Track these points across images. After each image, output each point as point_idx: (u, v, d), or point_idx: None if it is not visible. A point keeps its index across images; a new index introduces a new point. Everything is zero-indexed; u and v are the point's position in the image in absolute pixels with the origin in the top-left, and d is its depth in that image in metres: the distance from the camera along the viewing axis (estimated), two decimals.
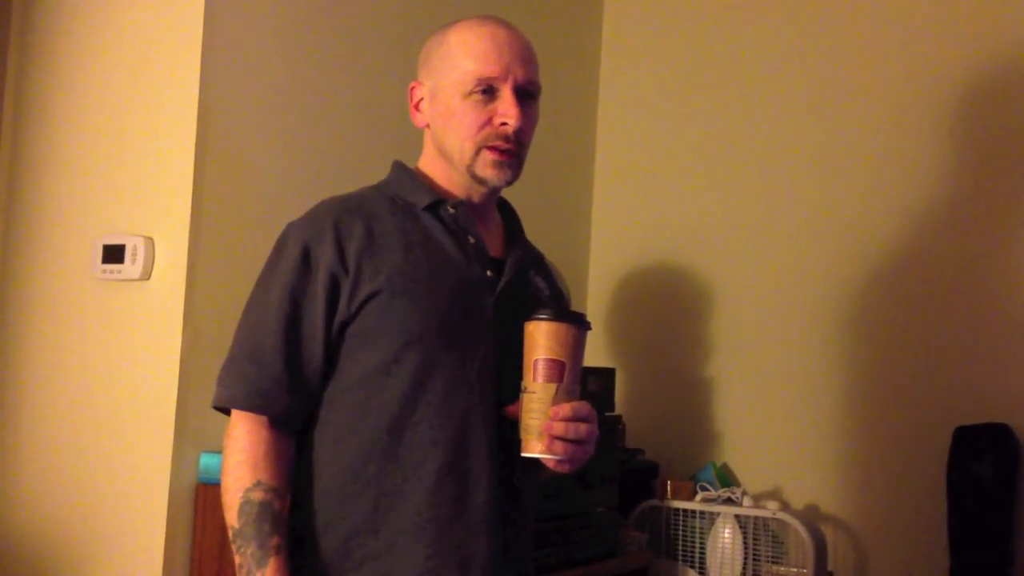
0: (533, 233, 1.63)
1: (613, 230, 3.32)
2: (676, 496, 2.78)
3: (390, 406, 1.38)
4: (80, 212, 2.24)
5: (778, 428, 2.93)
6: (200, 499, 2.05)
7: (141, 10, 2.20)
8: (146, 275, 2.09)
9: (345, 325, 1.40)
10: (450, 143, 1.47)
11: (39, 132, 2.32)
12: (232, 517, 1.36)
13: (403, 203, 1.48)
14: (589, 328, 1.38)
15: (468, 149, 1.45)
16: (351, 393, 1.40)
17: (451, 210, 1.47)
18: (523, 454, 1.36)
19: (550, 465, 1.38)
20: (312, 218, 1.45)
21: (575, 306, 2.97)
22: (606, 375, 2.83)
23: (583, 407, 1.36)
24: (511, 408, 1.41)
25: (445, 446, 1.38)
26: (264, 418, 1.38)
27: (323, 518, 1.39)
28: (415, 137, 1.57)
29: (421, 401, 1.39)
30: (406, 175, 1.53)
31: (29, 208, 2.31)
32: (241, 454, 1.37)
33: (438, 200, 1.48)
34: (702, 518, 2.73)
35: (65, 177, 2.27)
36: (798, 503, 2.86)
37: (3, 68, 2.35)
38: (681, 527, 2.75)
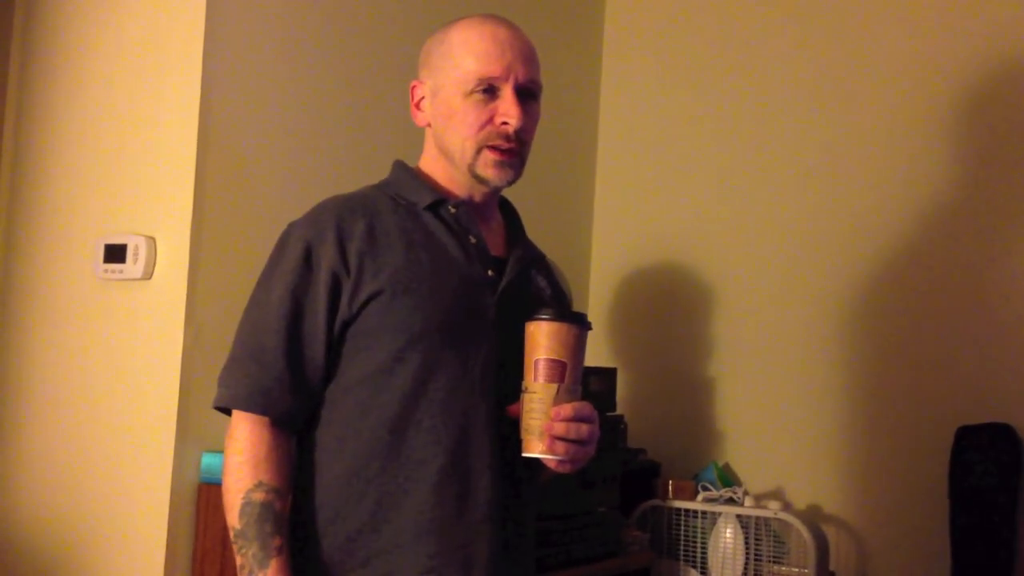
0: (534, 232, 1.63)
1: (615, 229, 3.31)
2: (678, 496, 2.77)
3: (392, 405, 1.38)
4: (81, 212, 2.24)
5: (780, 428, 2.93)
6: (202, 499, 2.04)
7: (143, 9, 2.20)
8: (148, 275, 2.09)
9: (347, 324, 1.40)
10: (451, 142, 1.46)
11: (41, 131, 2.32)
12: (233, 518, 1.36)
13: (404, 202, 1.48)
14: (590, 328, 1.38)
15: (469, 148, 1.45)
16: (353, 392, 1.40)
17: (452, 210, 1.47)
18: (524, 454, 1.36)
19: (551, 465, 1.38)
20: (314, 217, 1.45)
21: (576, 305, 2.97)
22: (608, 375, 2.83)
23: (584, 407, 1.36)
24: (512, 408, 1.41)
25: (447, 445, 1.38)
26: (266, 418, 1.38)
27: (325, 517, 1.39)
28: (416, 136, 1.57)
29: (423, 400, 1.38)
30: (407, 174, 1.53)
31: (31, 208, 2.31)
32: (242, 454, 1.37)
33: (439, 199, 1.48)
34: (704, 518, 2.73)
35: (67, 177, 2.27)
36: (800, 503, 2.86)
37: (5, 67, 2.35)
38: (683, 527, 2.75)
